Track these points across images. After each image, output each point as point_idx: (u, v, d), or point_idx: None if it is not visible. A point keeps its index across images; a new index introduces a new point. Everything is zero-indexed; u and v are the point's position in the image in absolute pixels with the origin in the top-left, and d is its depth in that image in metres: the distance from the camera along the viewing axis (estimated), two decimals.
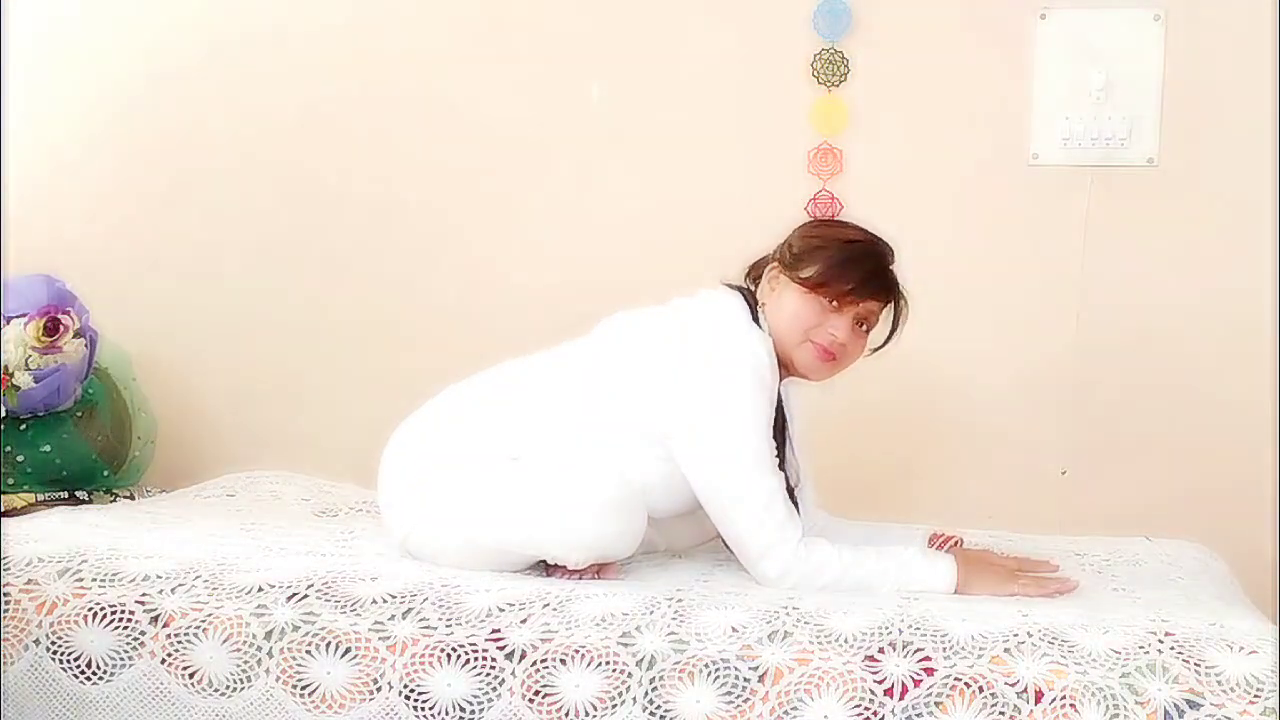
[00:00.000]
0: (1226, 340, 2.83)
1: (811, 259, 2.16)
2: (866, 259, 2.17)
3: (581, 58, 3.03)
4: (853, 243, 2.19)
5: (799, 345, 2.16)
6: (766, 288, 2.21)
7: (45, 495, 2.71)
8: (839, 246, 2.17)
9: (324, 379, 3.17)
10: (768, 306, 2.19)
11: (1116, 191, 2.85)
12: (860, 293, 2.15)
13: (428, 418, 2.20)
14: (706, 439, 2.06)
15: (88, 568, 1.92)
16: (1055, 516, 2.84)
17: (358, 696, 1.76)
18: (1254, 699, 1.60)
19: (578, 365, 2.18)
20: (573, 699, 1.71)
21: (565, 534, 2.00)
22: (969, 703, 1.65)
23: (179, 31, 3.18)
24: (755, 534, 2.03)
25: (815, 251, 2.16)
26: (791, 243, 2.21)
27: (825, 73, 2.92)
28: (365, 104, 3.12)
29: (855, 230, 2.24)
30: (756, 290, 2.23)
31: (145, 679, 1.81)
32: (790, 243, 2.21)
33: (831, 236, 2.21)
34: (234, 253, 3.18)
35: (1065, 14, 2.84)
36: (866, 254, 2.18)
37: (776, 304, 2.18)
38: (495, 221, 3.09)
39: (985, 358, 2.90)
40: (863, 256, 2.17)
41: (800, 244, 2.19)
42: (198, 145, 3.19)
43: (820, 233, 2.24)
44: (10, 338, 2.68)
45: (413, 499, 2.10)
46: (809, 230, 2.25)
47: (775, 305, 2.18)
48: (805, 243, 2.19)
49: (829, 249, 2.16)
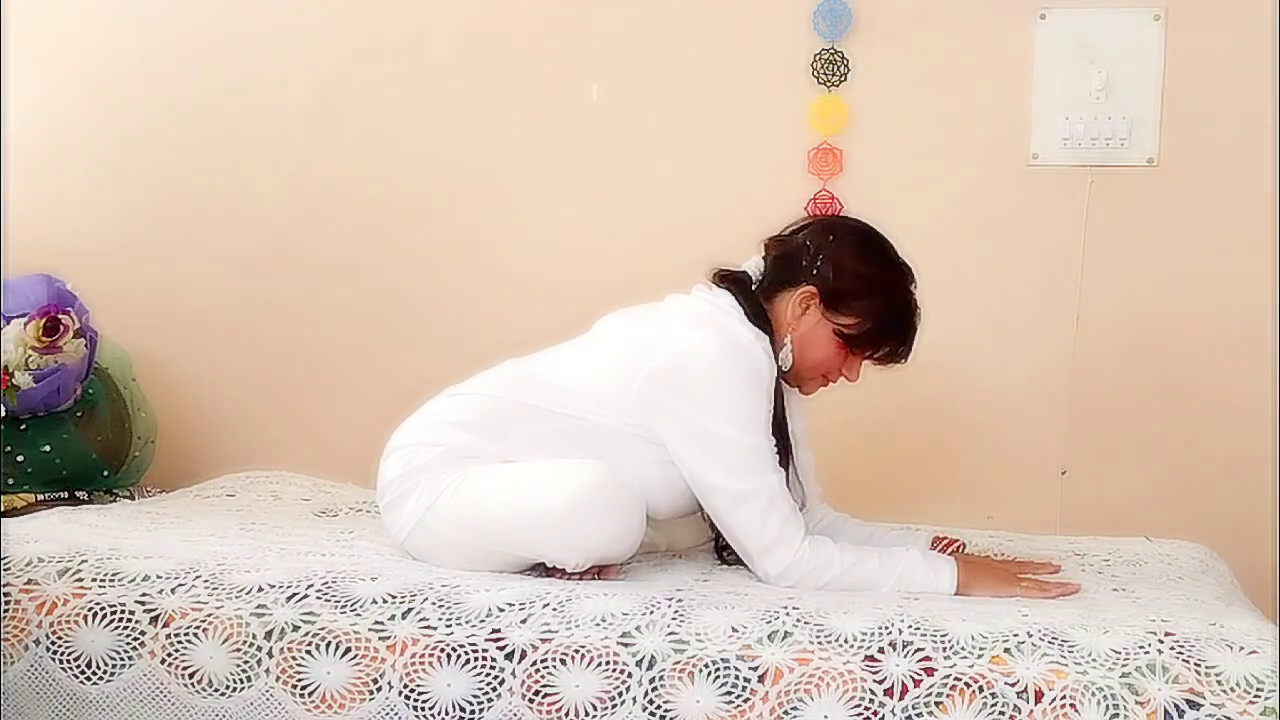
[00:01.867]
0: (1226, 340, 2.83)
1: (853, 308, 2.11)
2: (910, 325, 2.13)
3: (581, 58, 3.03)
4: (899, 301, 2.13)
5: (811, 378, 2.16)
6: (795, 309, 2.13)
7: (45, 495, 2.70)
8: (884, 306, 2.12)
9: (324, 379, 3.17)
10: (795, 334, 2.13)
11: (1116, 191, 2.85)
12: (894, 358, 2.15)
13: (427, 418, 2.20)
14: (705, 438, 2.05)
15: (88, 568, 1.92)
16: (1055, 516, 2.84)
17: (358, 696, 1.76)
18: (1254, 699, 1.60)
19: (575, 366, 2.18)
20: (573, 699, 1.71)
21: (564, 538, 1.99)
22: (969, 703, 1.65)
23: (179, 31, 3.19)
24: (759, 532, 2.03)
25: (859, 301, 2.11)
26: (831, 271, 2.12)
27: (825, 73, 2.92)
28: (365, 104, 3.12)
29: (896, 275, 2.14)
30: (766, 297, 2.16)
31: (145, 679, 1.81)
32: (830, 270, 2.12)
33: (875, 283, 2.12)
34: (234, 253, 3.18)
35: (1065, 14, 2.84)
36: (910, 317, 2.13)
37: (804, 339, 2.13)
38: (495, 222, 3.09)
39: (985, 357, 2.90)
40: (907, 322, 2.13)
41: (840, 279, 2.11)
42: (198, 145, 3.19)
43: (863, 272, 2.12)
44: (10, 338, 2.67)
45: (413, 499, 2.10)
46: (848, 261, 2.13)
47: (803, 340, 2.13)
48: (847, 281, 2.11)
49: (874, 305, 2.11)
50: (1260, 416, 2.81)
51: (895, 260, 2.17)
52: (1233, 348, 2.83)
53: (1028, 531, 2.56)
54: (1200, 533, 2.56)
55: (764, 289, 2.18)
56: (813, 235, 2.17)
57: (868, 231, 2.19)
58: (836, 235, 2.17)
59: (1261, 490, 2.81)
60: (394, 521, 2.14)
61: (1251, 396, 2.81)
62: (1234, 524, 2.78)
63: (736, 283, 2.19)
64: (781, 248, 2.20)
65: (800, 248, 2.17)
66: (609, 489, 2.02)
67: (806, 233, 2.19)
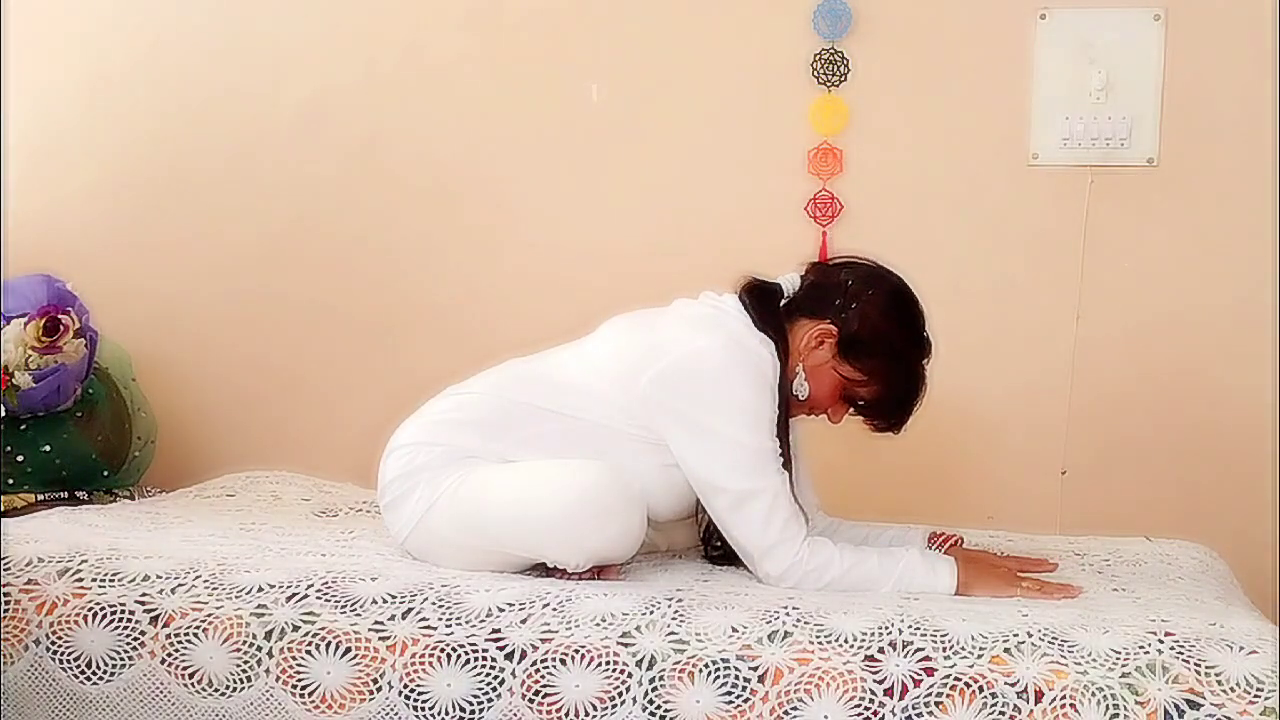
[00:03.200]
0: (1226, 340, 2.83)
1: (863, 363, 2.10)
2: (910, 401, 2.13)
3: (581, 58, 3.03)
4: (908, 373, 2.12)
5: (797, 406, 2.16)
6: (811, 340, 2.12)
7: (45, 495, 2.70)
8: (892, 372, 2.11)
9: (324, 379, 3.17)
10: (805, 366, 2.13)
11: (1116, 191, 2.85)
12: (884, 423, 2.16)
13: (427, 418, 2.20)
14: (710, 438, 2.05)
15: (88, 568, 1.92)
16: (1055, 516, 2.84)
17: (358, 696, 1.76)
18: (1254, 699, 1.60)
19: (577, 367, 2.17)
20: (572, 699, 1.72)
21: (565, 538, 1.99)
22: (969, 703, 1.65)
23: (180, 31, 3.18)
24: (761, 533, 2.03)
25: (871, 359, 2.10)
26: (858, 320, 2.10)
27: (825, 73, 2.92)
28: (365, 104, 3.12)
29: (915, 348, 2.13)
30: (788, 315, 2.15)
31: (145, 679, 1.81)
32: (857, 319, 2.10)
33: (893, 347, 2.11)
34: (234, 253, 3.18)
35: (1065, 14, 2.84)
36: (914, 395, 2.13)
37: (808, 372, 2.13)
38: (495, 222, 3.08)
39: (985, 358, 2.90)
40: (909, 397, 2.13)
41: (862, 330, 2.10)
42: (198, 145, 3.19)
43: (886, 332, 2.11)
44: (10, 338, 2.67)
45: (413, 499, 2.10)
46: (877, 316, 2.11)
47: (811, 374, 2.13)
48: (868, 335, 2.10)
49: (883, 367, 2.10)
50: (1260, 416, 2.81)
51: (920, 332, 2.15)
52: (1233, 348, 2.83)
53: (1028, 531, 2.56)
54: (1200, 533, 2.56)
55: (790, 308, 2.17)
56: (854, 277, 2.15)
57: (906, 296, 2.16)
58: (875, 288, 2.14)
59: (1262, 490, 2.81)
60: (394, 521, 2.14)
61: (1251, 396, 2.81)
62: (1234, 524, 2.78)
63: (764, 293, 2.18)
64: (821, 277, 2.20)
65: (838, 285, 2.15)
66: (610, 489, 2.01)
67: (849, 273, 2.17)
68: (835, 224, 2.94)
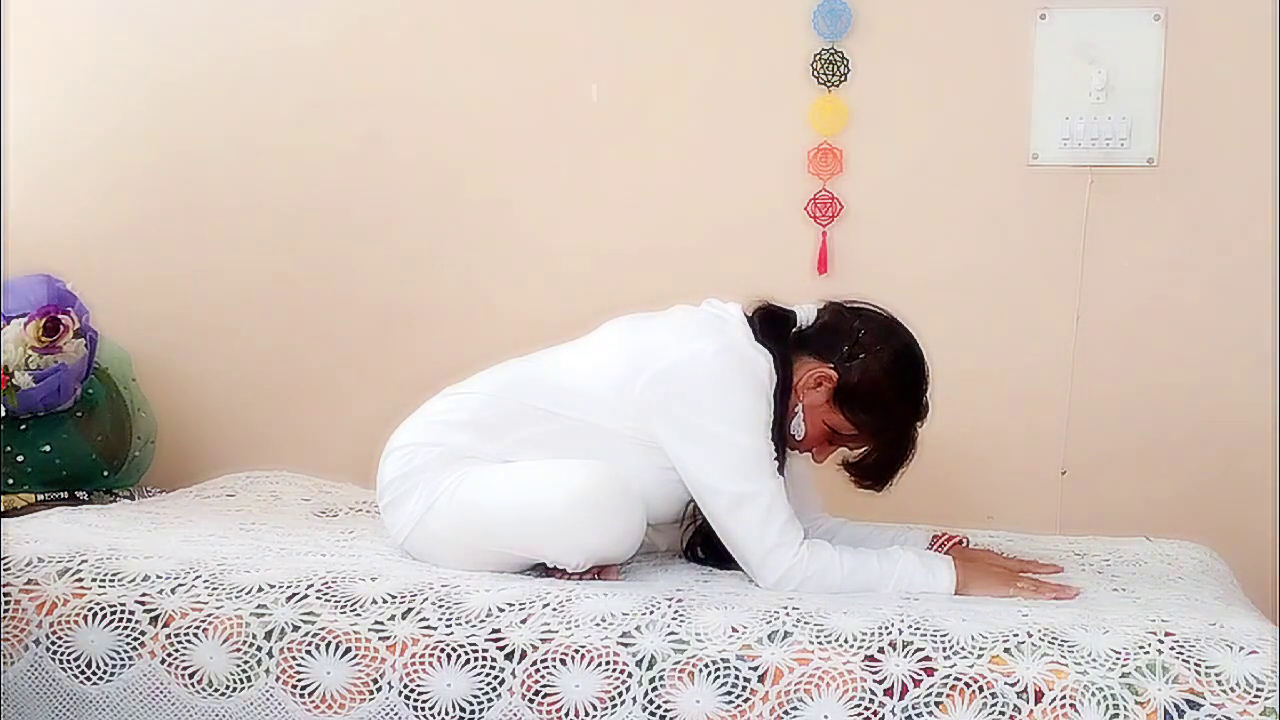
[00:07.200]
0: (1226, 340, 2.83)
1: (857, 416, 2.09)
2: (895, 464, 2.13)
3: (581, 58, 3.03)
4: (899, 435, 2.11)
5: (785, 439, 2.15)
6: (809, 380, 2.11)
7: (45, 495, 2.71)
8: (884, 430, 2.11)
9: (324, 379, 3.17)
10: (803, 404, 2.12)
11: (1116, 191, 2.85)
12: (865, 478, 2.16)
13: (427, 418, 2.20)
14: (706, 440, 2.05)
15: (88, 568, 1.92)
16: (1055, 517, 2.84)
17: (358, 696, 1.76)
18: (1254, 699, 1.60)
19: (576, 368, 2.17)
20: (572, 699, 1.72)
21: (565, 538, 1.99)
22: (969, 703, 1.65)
23: (180, 31, 3.18)
24: (758, 539, 2.02)
25: (865, 414, 2.09)
26: (860, 371, 2.09)
27: (825, 73, 2.92)
28: (365, 105, 3.12)
29: (911, 410, 2.12)
30: (795, 345, 2.14)
31: (145, 679, 1.81)
32: (859, 370, 2.09)
33: (889, 407, 2.10)
34: (234, 253, 3.18)
35: (1065, 14, 2.84)
36: (901, 457, 2.12)
37: (807, 412, 2.12)
38: (494, 222, 3.08)
39: (985, 357, 2.90)
40: (896, 459, 2.12)
41: (862, 383, 2.09)
42: (198, 145, 3.19)
43: (884, 389, 2.09)
44: (10, 338, 2.68)
45: (413, 499, 2.10)
46: (879, 372, 2.09)
47: (804, 413, 2.12)
48: (866, 389, 2.09)
49: (876, 424, 2.10)
50: (1260, 416, 2.81)
51: (919, 397, 2.14)
52: (1233, 348, 2.83)
53: (1028, 531, 2.56)
54: (1200, 533, 2.56)
55: (798, 339, 2.16)
56: (866, 328, 2.14)
57: (913, 357, 2.14)
58: (884, 343, 2.12)
59: (1262, 490, 2.81)
60: (394, 522, 2.14)
61: (1251, 397, 2.81)
62: (1234, 524, 2.78)
63: (775, 318, 2.17)
64: (834, 319, 2.18)
65: (848, 331, 2.14)
66: (610, 489, 2.02)
67: (862, 322, 2.15)
68: (835, 224, 2.94)
